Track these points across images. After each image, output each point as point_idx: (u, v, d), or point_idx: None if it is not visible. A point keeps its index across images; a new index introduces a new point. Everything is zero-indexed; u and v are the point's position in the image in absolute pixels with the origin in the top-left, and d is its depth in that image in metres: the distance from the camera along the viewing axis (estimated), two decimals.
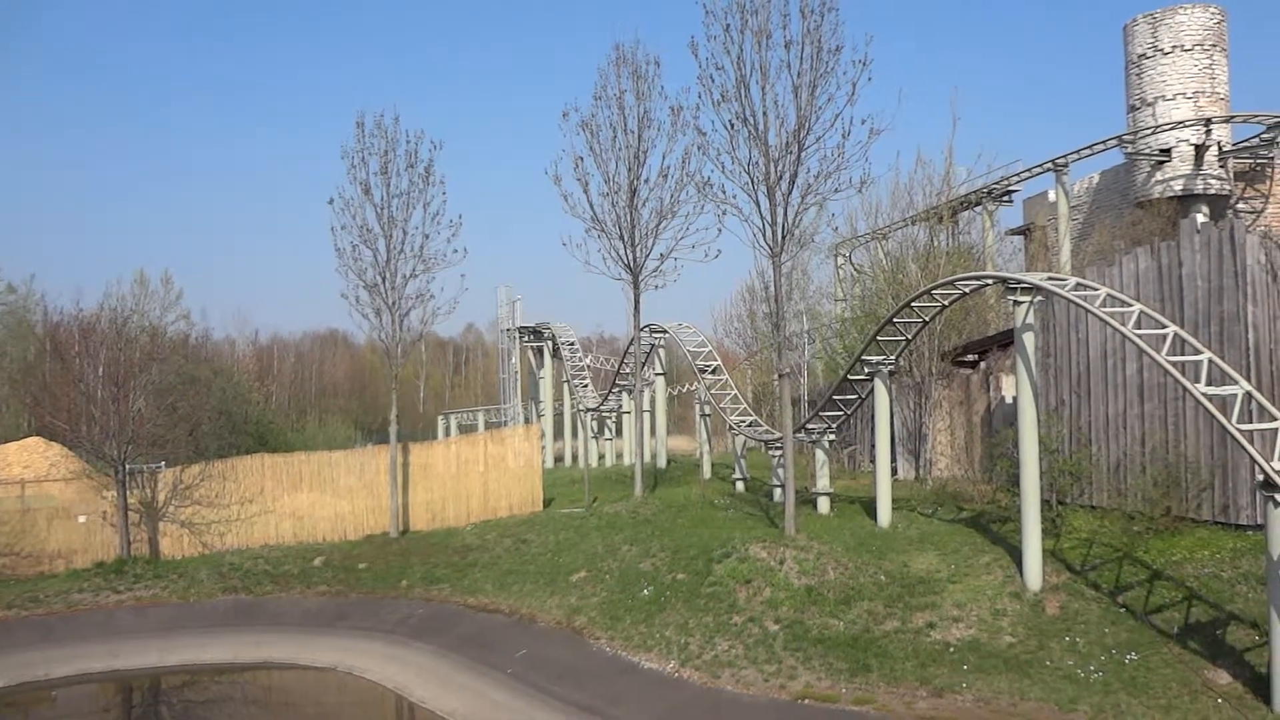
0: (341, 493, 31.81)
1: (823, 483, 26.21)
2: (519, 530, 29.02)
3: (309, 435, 61.51)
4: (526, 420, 55.90)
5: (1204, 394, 14.58)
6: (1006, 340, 26.08)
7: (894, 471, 28.87)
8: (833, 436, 26.81)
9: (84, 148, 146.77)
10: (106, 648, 24.11)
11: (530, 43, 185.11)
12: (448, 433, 66.24)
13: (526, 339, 57.13)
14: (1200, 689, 14.59)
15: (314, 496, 31.56)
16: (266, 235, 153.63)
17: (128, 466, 28.90)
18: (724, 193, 24.24)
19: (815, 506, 25.96)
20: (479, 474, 32.40)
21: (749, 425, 31.84)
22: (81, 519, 29.29)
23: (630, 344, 37.41)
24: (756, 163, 23.01)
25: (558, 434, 56.79)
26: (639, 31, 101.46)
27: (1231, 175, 38.31)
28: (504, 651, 21.39)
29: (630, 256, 30.62)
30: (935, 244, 33.92)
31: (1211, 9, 38.06)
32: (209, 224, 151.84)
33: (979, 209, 42.45)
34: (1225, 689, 14.50)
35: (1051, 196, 43.20)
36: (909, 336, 23.34)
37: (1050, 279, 18.98)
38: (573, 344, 52.90)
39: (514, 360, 58.17)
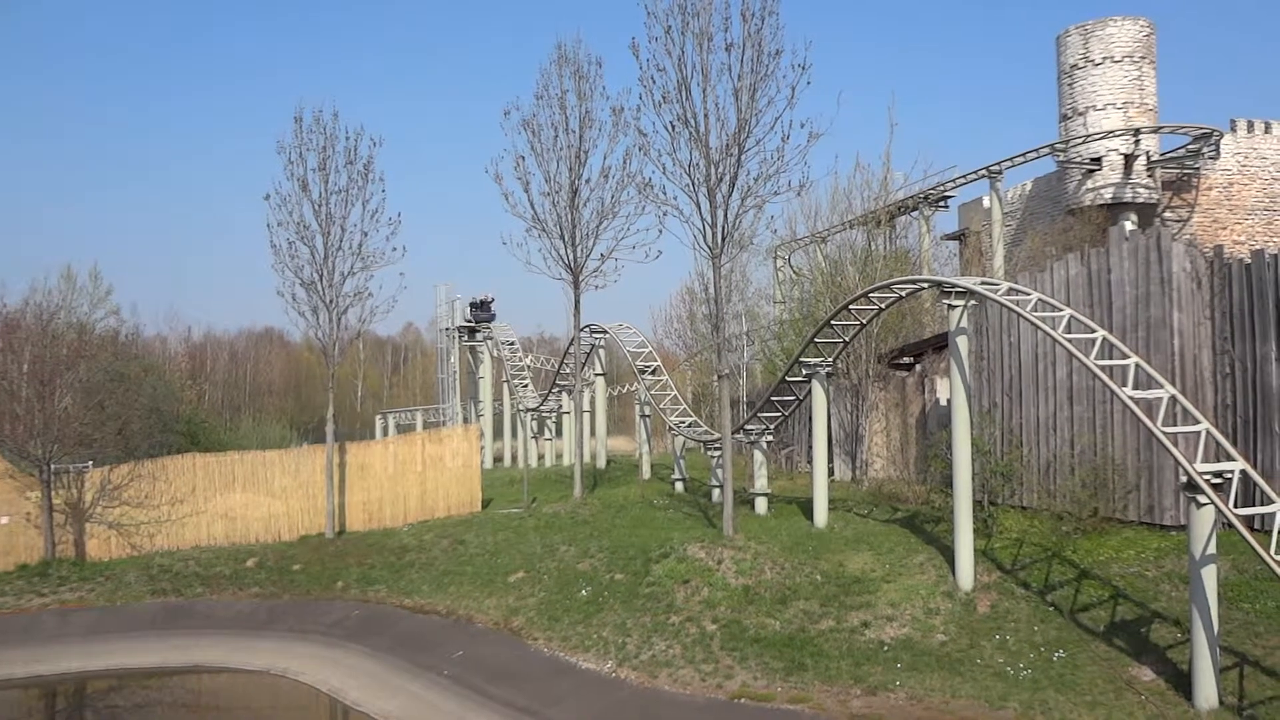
0: (276, 493, 31.33)
1: (761, 483, 26.41)
2: (457, 531, 28.83)
3: (243, 434, 60.34)
4: (465, 420, 55.50)
5: (1130, 397, 14.94)
6: (941, 343, 26.48)
7: (831, 472, 29.15)
8: (771, 438, 27.03)
9: (6, 141, 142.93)
10: (29, 652, 23.50)
11: (472, 40, 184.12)
12: (385, 432, 65.56)
13: (465, 338, 56.77)
14: (1125, 685, 14.95)
15: (247, 497, 31.04)
16: (200, 231, 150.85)
17: (53, 466, 28.20)
18: (665, 194, 24.34)
19: (753, 507, 26.14)
20: (417, 474, 32.11)
21: (688, 426, 31.97)
22: (3, 520, 28.52)
23: (570, 344, 37.40)
24: (697, 164, 23.12)
25: (497, 434, 56.52)
26: (581, 31, 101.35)
27: (1159, 184, 39.31)
28: (441, 653, 21.23)
29: (571, 256, 30.60)
30: (873, 248, 34.35)
31: (1141, 22, 39.04)
32: (139, 219, 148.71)
33: (916, 214, 43.05)
34: (1149, 685, 14.87)
35: (986, 203, 43.99)
36: (846, 339, 23.60)
37: (984, 284, 19.32)
38: (512, 343, 52.68)
39: (453, 360, 57.75)
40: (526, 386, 50.19)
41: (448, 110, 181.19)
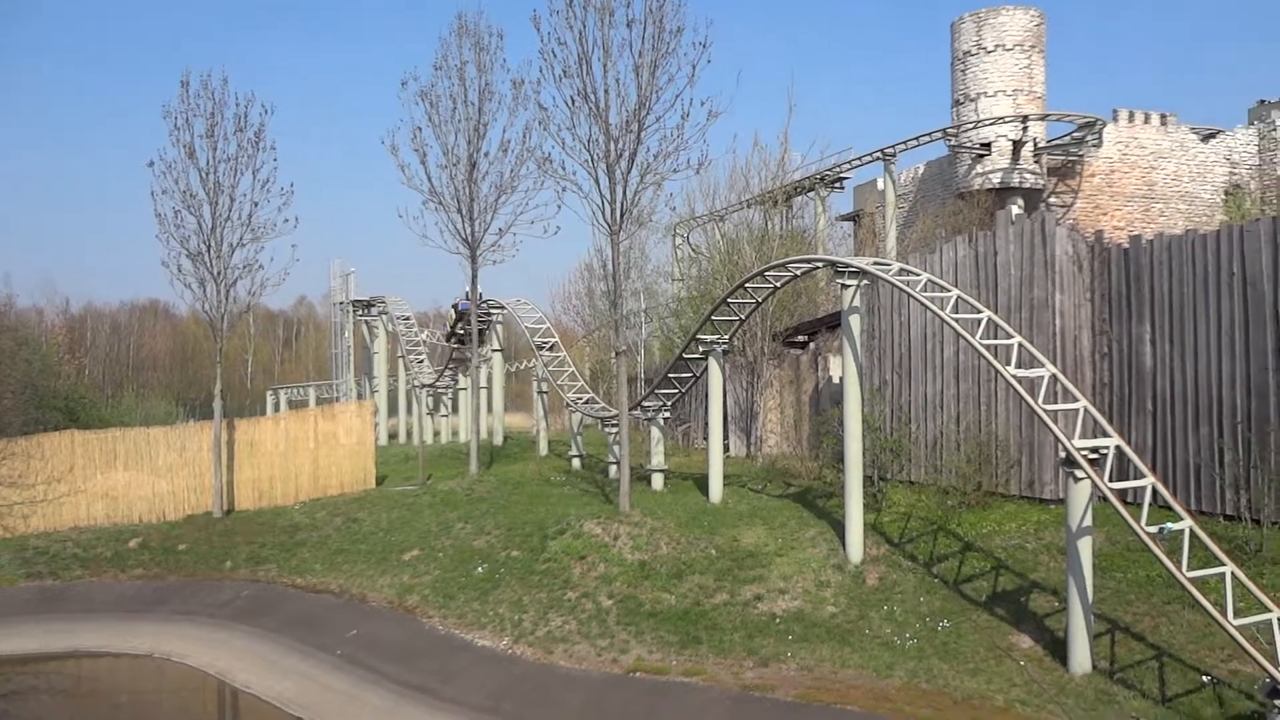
0: (161, 471, 30.39)
1: (657, 460, 26.59)
2: (350, 509, 28.38)
3: (125, 410, 58.27)
4: (360, 396, 54.60)
5: (1013, 376, 15.44)
6: (834, 322, 26.95)
7: (726, 449, 29.49)
8: (668, 414, 27.21)
9: None
10: None
11: (368, 6, 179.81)
12: (277, 409, 64.05)
13: (360, 313, 55.76)
14: (1005, 653, 15.53)
15: (130, 475, 30.05)
16: (78, 198, 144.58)
17: None
18: (564, 169, 24.21)
19: (650, 483, 26.32)
20: (309, 451, 31.47)
21: (586, 403, 31.99)
22: None
23: (468, 319, 36.98)
24: (597, 140, 23.05)
25: (392, 410, 55.71)
26: (483, 2, 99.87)
27: (1045, 170, 40.60)
28: (334, 632, 20.92)
29: (468, 230, 30.26)
30: (770, 227, 34.72)
31: (1031, 11, 40.13)
32: (12, 184, 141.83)
33: (812, 194, 43.66)
34: (1028, 652, 15.46)
35: (880, 185, 44.87)
36: (742, 317, 23.86)
37: (876, 264, 19.71)
38: (408, 318, 51.92)
39: (347, 335, 56.69)
40: (422, 362, 49.52)
41: (344, 78, 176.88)
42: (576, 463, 32.19)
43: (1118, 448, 14.75)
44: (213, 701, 20.19)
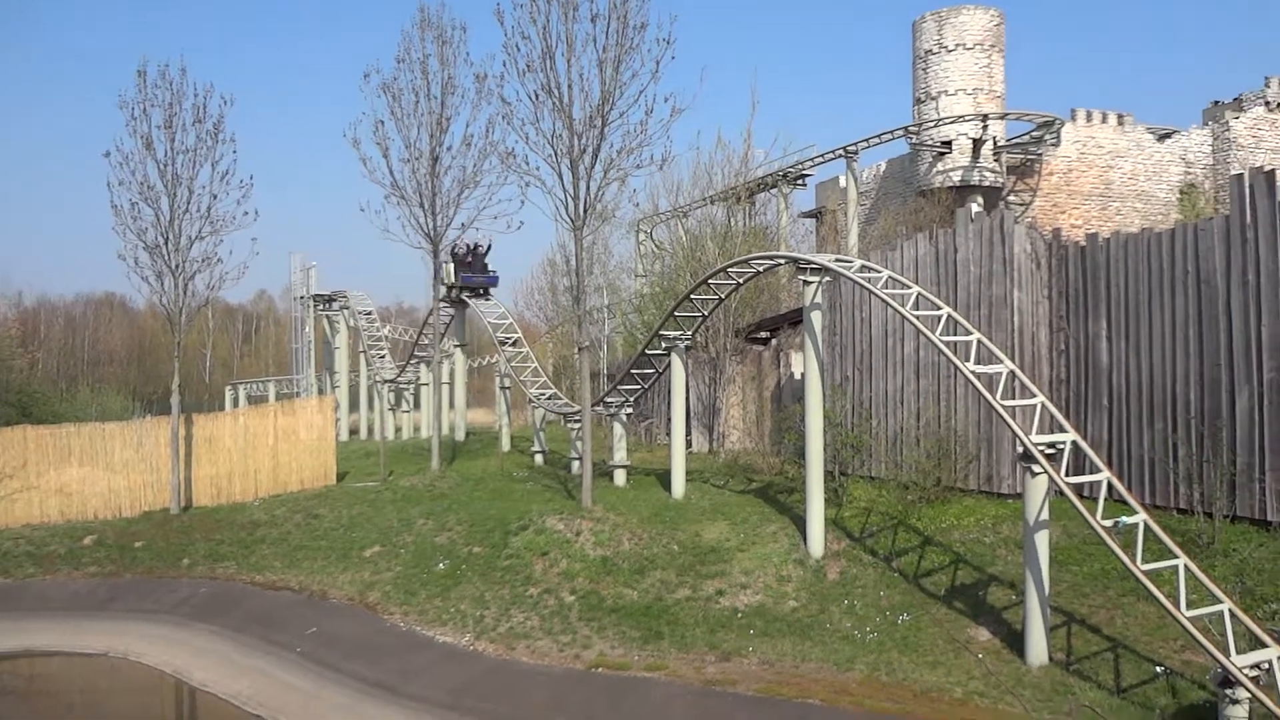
0: (117, 467, 29.98)
1: (620, 455, 26.60)
2: (310, 505, 28.14)
3: (80, 405, 57.34)
4: (321, 392, 54.10)
5: (973, 372, 15.59)
6: (797, 318, 27.08)
7: (689, 444, 29.58)
8: (630, 410, 27.22)
9: None
10: None
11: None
12: (236, 404, 63.39)
13: (321, 308, 55.24)
14: (963, 645, 15.69)
15: (85, 471, 29.61)
16: (30, 188, 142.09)
17: None
18: (527, 164, 24.20)
19: (612, 479, 26.32)
20: (269, 447, 31.16)
21: (549, 398, 31.93)
22: None
23: (430, 314, 36.80)
24: (560, 135, 22.98)
25: (353, 406, 55.25)
26: None
27: (1004, 169, 41.03)
28: (293, 630, 20.74)
29: (431, 225, 30.10)
30: (733, 223, 34.82)
31: (991, 11, 40.54)
32: None
33: (775, 191, 43.85)
34: (985, 644, 15.64)
35: (842, 182, 45.14)
36: (705, 313, 23.90)
37: (837, 261, 19.82)
38: (370, 313, 51.54)
39: (308, 329, 56.15)
40: (384, 357, 49.16)
41: (305, 71, 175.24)
42: (539, 458, 32.12)
43: (1074, 443, 14.94)
44: (169, 701, 19.93)
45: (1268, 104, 45.29)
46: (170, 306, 30.04)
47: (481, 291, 37.02)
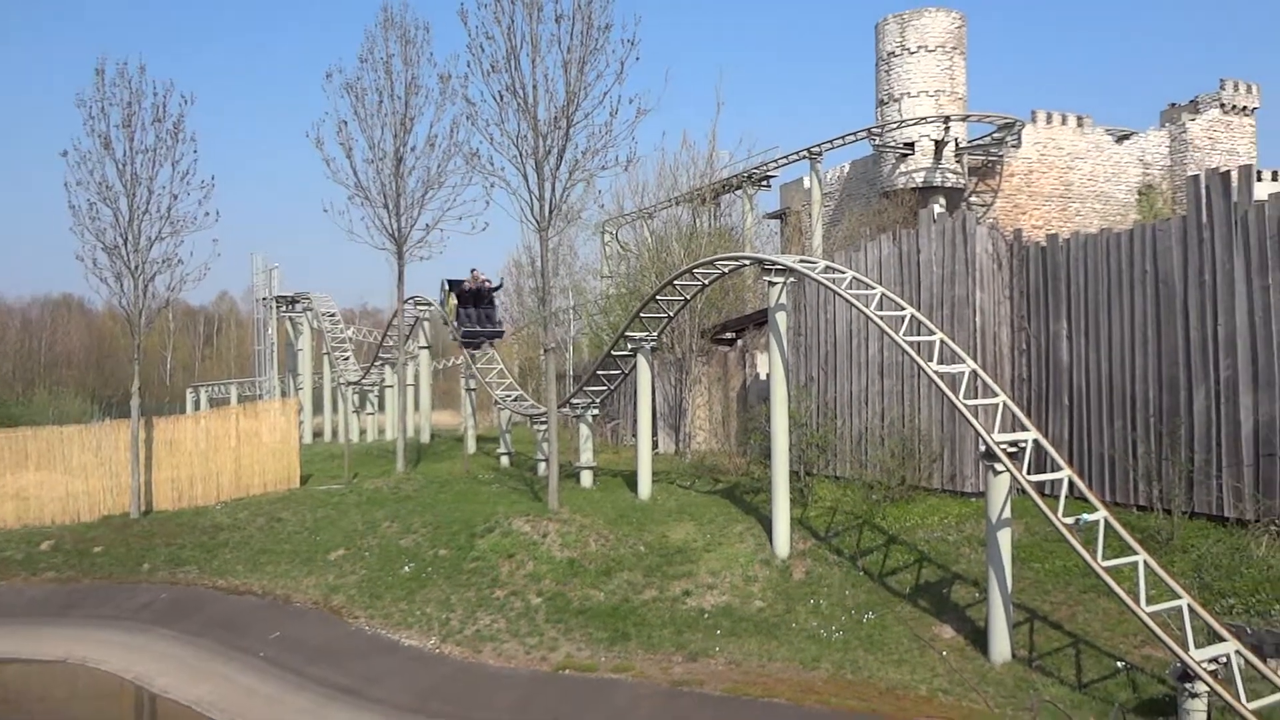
0: (75, 471, 29.53)
1: (586, 457, 26.56)
2: (274, 508, 27.86)
3: (37, 409, 56.62)
4: (284, 394, 53.62)
5: (936, 372, 15.71)
6: (762, 319, 27.19)
7: (655, 445, 29.61)
8: (596, 411, 27.19)
9: None
10: None
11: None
12: (197, 406, 62.69)
13: (284, 309, 54.77)
14: (928, 643, 15.81)
15: (42, 475, 29.14)
16: None
17: None
18: (492, 165, 23.99)
19: (579, 480, 26.27)
20: (231, 450, 30.80)
21: (514, 400, 31.83)
22: None
23: (394, 316, 36.58)
24: (525, 136, 22.90)
25: (317, 408, 54.84)
26: None
27: (966, 170, 41.42)
28: (256, 635, 20.52)
29: (395, 226, 29.89)
30: (698, 224, 34.91)
31: (953, 14, 40.91)
32: None
33: (739, 192, 44.01)
34: (949, 642, 15.77)
35: (806, 183, 45.39)
36: (671, 314, 23.93)
37: (802, 262, 19.91)
38: (333, 315, 51.17)
39: (270, 331, 55.64)
40: (348, 359, 48.84)
41: (269, 72, 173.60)
42: (505, 460, 32.01)
43: (1035, 441, 15.10)
44: (130, 707, 19.64)
45: (1223, 106, 46.06)
46: (130, 308, 29.63)
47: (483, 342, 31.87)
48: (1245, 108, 46.58)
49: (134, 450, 29.17)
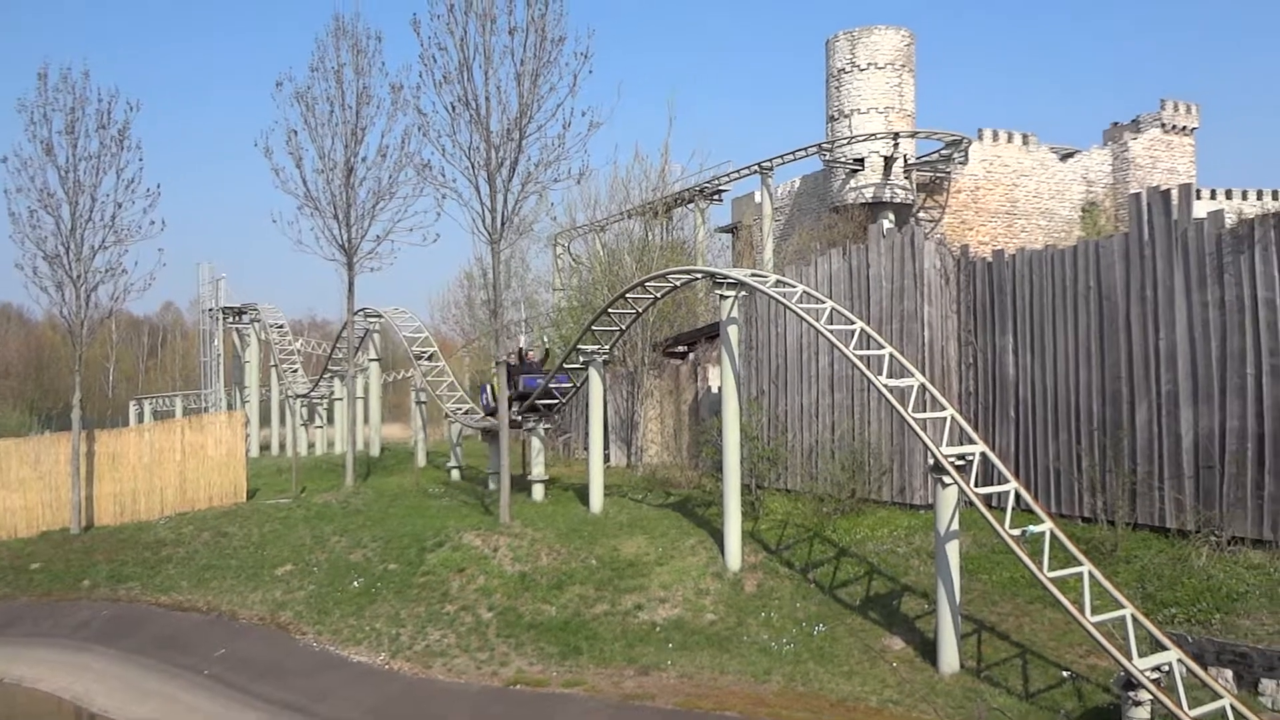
0: (12, 485, 28.88)
1: (538, 470, 26.45)
2: (219, 523, 27.41)
3: None
4: (230, 407, 52.84)
5: (885, 385, 15.87)
6: (714, 333, 27.27)
7: (607, 459, 29.56)
8: (548, 424, 27.11)
9: None
10: None
11: (242, 5, 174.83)
12: (141, 419, 61.56)
13: (231, 320, 54.01)
14: (878, 654, 15.92)
15: None
16: None
17: None
18: (444, 176, 23.93)
19: (530, 494, 26.17)
20: (176, 463, 30.27)
21: (465, 413, 31.64)
22: None
23: (344, 328, 36.22)
24: (478, 148, 22.84)
25: (264, 421, 54.11)
26: (360, 3, 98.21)
27: (915, 186, 41.97)
28: (201, 652, 20.16)
29: (345, 236, 29.63)
30: (650, 238, 34.99)
31: (902, 32, 41.50)
32: None
33: (691, 206, 44.20)
34: (899, 653, 15.88)
35: (758, 198, 45.71)
36: (623, 327, 23.93)
37: (753, 275, 20.02)
38: (281, 326, 50.57)
39: (217, 343, 54.82)
40: (296, 371, 48.27)
41: (215, 77, 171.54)
42: (455, 474, 31.80)
43: (982, 454, 15.30)
44: None
45: (1163, 126, 47.14)
46: (71, 318, 29.08)
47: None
48: (1185, 127, 47.73)
49: (75, 464, 28.59)
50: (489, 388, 27.40)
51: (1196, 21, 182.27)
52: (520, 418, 26.04)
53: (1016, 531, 14.05)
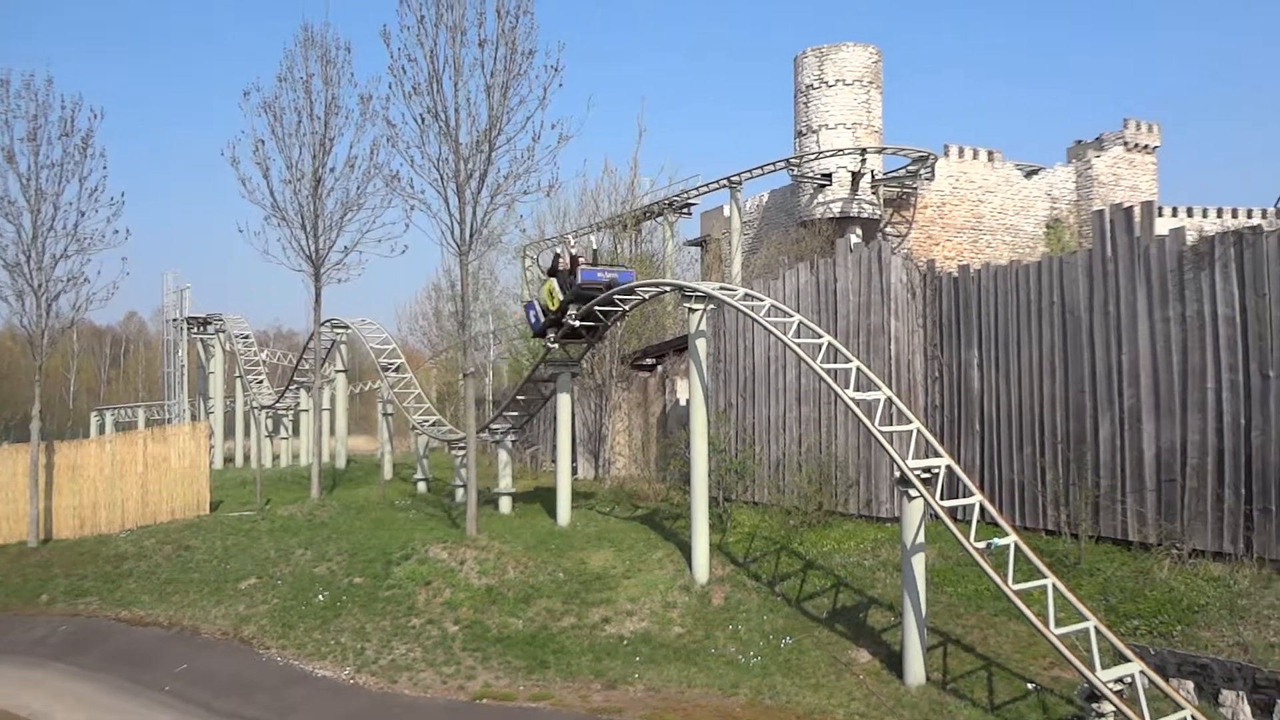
0: None
1: (505, 483, 26.37)
2: (182, 536, 27.05)
3: None
4: (194, 418, 52.28)
5: (852, 399, 15.95)
6: (682, 345, 27.35)
7: (575, 471, 29.52)
8: (515, 437, 27.04)
9: None
10: None
11: (210, 13, 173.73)
12: (102, 430, 60.83)
13: (195, 331, 53.49)
14: (845, 667, 15.96)
15: None
16: None
17: None
18: (413, 187, 23.83)
19: (497, 506, 26.06)
20: (137, 475, 29.86)
21: (432, 425, 31.49)
22: None
23: (310, 339, 35.97)
24: (447, 159, 22.79)
25: (229, 433, 53.54)
26: (330, 14, 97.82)
27: (881, 201, 42.30)
28: (162, 668, 19.85)
29: (312, 247, 29.40)
30: (619, 251, 35.03)
31: (870, 49, 41.88)
32: None
33: (661, 219, 44.31)
34: (866, 666, 15.93)
35: (726, 212, 45.88)
36: (591, 339, 23.92)
37: (722, 289, 20.09)
38: (247, 337, 50.15)
39: (181, 353, 54.25)
40: (262, 383, 47.85)
41: (181, 85, 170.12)
42: (422, 486, 31.61)
43: (948, 467, 15.40)
44: None
45: (1126, 144, 47.83)
46: (31, 328, 28.66)
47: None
48: (1147, 146, 48.47)
49: (33, 475, 28.13)
50: (535, 304, 24.08)
51: (1159, 43, 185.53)
52: (578, 325, 22.53)
53: (981, 544, 14.14)
